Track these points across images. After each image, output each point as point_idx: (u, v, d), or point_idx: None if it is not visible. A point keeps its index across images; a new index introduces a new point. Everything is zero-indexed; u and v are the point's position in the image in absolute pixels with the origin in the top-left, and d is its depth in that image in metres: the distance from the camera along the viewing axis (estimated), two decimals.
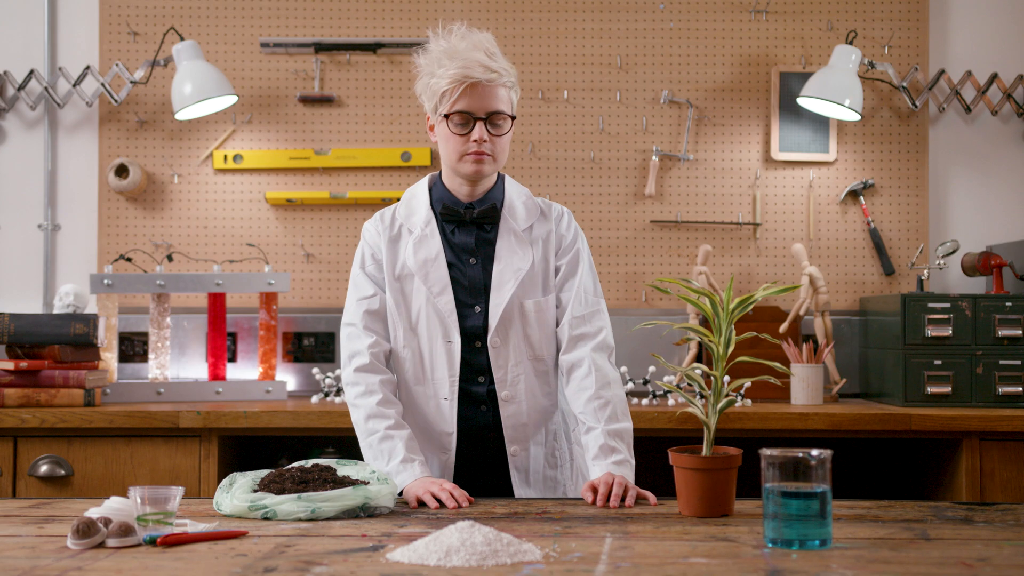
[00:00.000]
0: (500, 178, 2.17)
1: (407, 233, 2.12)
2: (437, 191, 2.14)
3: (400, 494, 1.95)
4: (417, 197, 2.16)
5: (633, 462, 2.02)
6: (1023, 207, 3.55)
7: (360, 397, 2.06)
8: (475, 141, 2.02)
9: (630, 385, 3.12)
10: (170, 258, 3.39)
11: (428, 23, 3.54)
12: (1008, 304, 3.00)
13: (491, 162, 2.06)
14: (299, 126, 3.55)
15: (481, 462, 2.13)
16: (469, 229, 2.11)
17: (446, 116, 2.04)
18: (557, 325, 2.13)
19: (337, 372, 3.22)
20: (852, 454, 3.37)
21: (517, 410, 2.09)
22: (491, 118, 2.03)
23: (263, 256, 3.50)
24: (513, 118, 2.08)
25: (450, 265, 2.09)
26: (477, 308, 2.09)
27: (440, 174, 2.16)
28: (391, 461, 1.98)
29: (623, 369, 2.95)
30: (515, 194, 2.16)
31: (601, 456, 1.98)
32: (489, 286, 2.09)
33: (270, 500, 1.71)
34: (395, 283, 2.10)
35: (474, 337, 2.09)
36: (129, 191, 3.47)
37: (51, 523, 1.69)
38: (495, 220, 2.11)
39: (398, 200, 3.46)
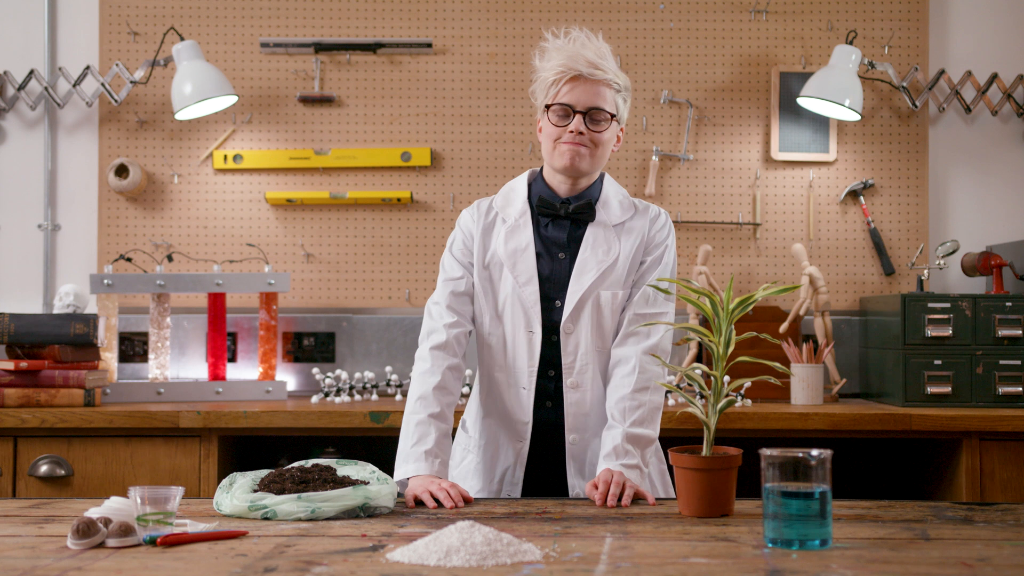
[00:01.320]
0: (600, 176, 2.18)
1: (501, 222, 2.14)
2: (537, 185, 2.16)
3: (407, 481, 1.97)
4: (515, 189, 2.18)
5: (647, 471, 2.01)
6: (1023, 207, 3.55)
7: (423, 375, 2.08)
8: (571, 132, 2.04)
9: None
10: (170, 258, 3.40)
11: (428, 23, 3.54)
12: (1008, 304, 3.00)
13: (587, 157, 2.06)
14: (299, 126, 3.55)
15: (544, 456, 2.13)
16: (563, 224, 2.13)
17: (548, 107, 2.07)
18: None
19: (337, 372, 3.22)
20: (852, 454, 3.37)
21: (581, 399, 2.09)
22: (591, 113, 2.05)
23: (263, 256, 3.50)
24: (614, 118, 2.07)
25: (538, 256, 2.11)
26: (558, 303, 2.10)
27: (541, 169, 2.18)
28: (416, 445, 1.99)
29: None
30: (612, 192, 2.17)
31: (612, 456, 1.97)
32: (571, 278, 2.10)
33: (270, 500, 1.71)
34: (484, 271, 2.13)
35: (551, 331, 2.09)
36: (129, 191, 3.47)
37: (51, 523, 1.69)
38: (590, 217, 2.12)
39: (397, 200, 3.49)
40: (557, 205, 2.11)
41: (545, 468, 2.13)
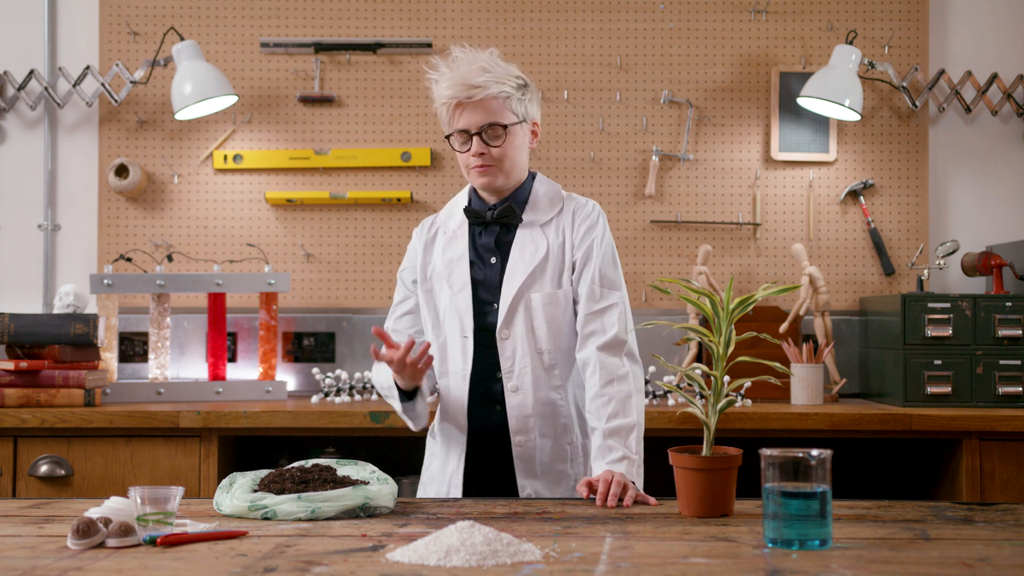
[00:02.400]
0: (530, 176, 2.22)
1: (442, 235, 2.23)
2: (473, 196, 2.22)
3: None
4: (457, 202, 2.26)
5: (636, 458, 2.01)
6: (1023, 207, 3.55)
7: (376, 372, 2.23)
8: (474, 156, 2.10)
9: None
10: (170, 258, 3.39)
11: (428, 23, 3.54)
12: (1008, 304, 3.00)
13: (498, 171, 2.12)
14: (299, 126, 3.55)
15: (492, 461, 2.16)
16: (492, 229, 2.18)
17: (448, 137, 2.14)
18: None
19: (337, 372, 3.22)
20: (852, 454, 3.37)
21: (523, 401, 2.12)
22: (486, 131, 2.09)
23: (263, 256, 3.50)
24: (511, 126, 2.11)
25: (472, 264, 2.16)
26: (495, 305, 2.15)
27: None
28: (390, 378, 2.14)
29: None
30: (543, 190, 2.21)
31: (600, 456, 1.99)
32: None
33: (270, 500, 1.71)
34: (426, 283, 2.21)
35: (492, 334, 2.14)
36: (129, 191, 3.47)
37: (51, 523, 1.69)
38: (515, 219, 2.16)
39: (397, 200, 3.49)
40: (484, 212, 2.17)
41: (494, 470, 2.16)
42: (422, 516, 1.76)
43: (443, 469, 2.20)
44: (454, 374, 2.16)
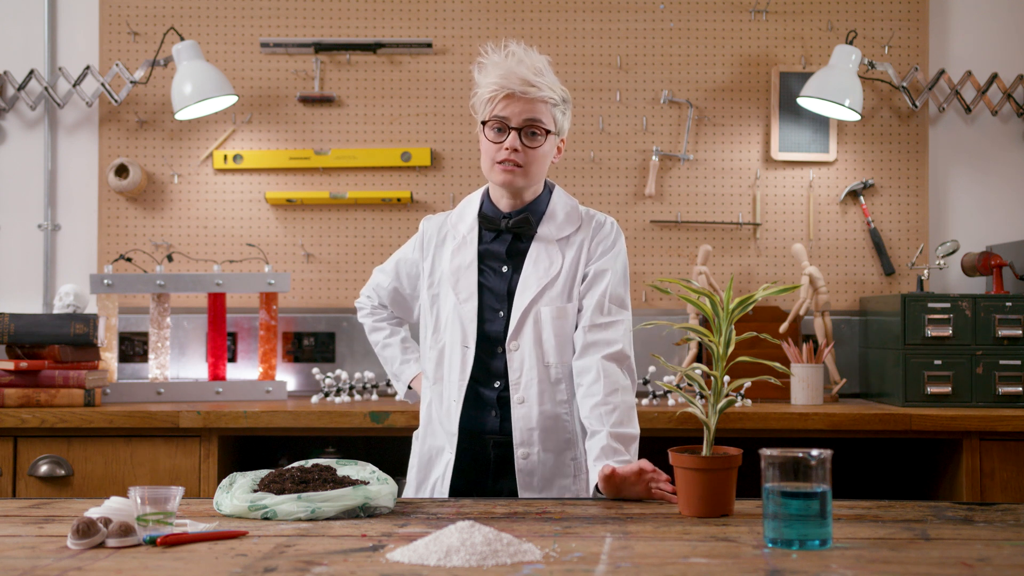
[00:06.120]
0: (548, 188, 2.21)
1: (451, 239, 2.20)
2: (486, 200, 2.21)
3: (410, 388, 2.37)
4: (471, 203, 2.23)
5: None
6: (1023, 207, 3.55)
7: (370, 332, 2.49)
8: (507, 149, 2.08)
9: None
10: (170, 258, 3.39)
11: (428, 23, 3.54)
12: (1008, 304, 3.00)
13: (522, 174, 2.10)
14: (299, 126, 3.55)
15: (485, 466, 2.16)
16: (505, 237, 2.17)
17: (484, 123, 2.11)
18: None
19: (337, 372, 3.22)
20: (852, 454, 3.37)
21: (527, 413, 2.11)
22: (526, 128, 2.08)
23: (263, 256, 3.50)
24: (550, 133, 2.11)
25: (481, 271, 2.15)
26: (501, 313, 2.14)
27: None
28: (393, 365, 2.41)
29: None
30: (560, 204, 2.20)
31: (603, 457, 1.99)
32: (515, 292, 2.13)
33: (270, 500, 1.71)
34: (433, 288, 2.20)
35: (495, 342, 2.13)
36: (129, 191, 3.47)
37: (51, 523, 1.68)
38: (530, 231, 2.15)
39: (397, 200, 3.49)
40: (499, 221, 2.16)
41: (494, 476, 2.16)
42: (422, 516, 1.76)
43: (426, 473, 2.20)
44: (449, 383, 2.14)
